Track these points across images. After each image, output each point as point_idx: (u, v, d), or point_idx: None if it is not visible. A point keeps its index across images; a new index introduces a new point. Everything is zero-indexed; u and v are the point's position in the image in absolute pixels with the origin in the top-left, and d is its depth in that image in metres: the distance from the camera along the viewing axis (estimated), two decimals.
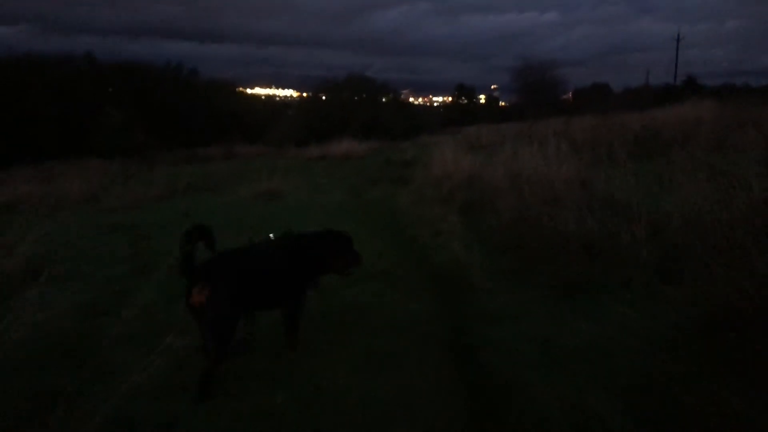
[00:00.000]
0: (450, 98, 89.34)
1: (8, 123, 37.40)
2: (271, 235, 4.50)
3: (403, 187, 14.26)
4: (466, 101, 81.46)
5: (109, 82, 42.69)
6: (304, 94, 53.36)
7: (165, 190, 17.52)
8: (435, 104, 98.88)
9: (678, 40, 48.73)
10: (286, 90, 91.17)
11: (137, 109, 41.56)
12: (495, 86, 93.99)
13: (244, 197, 13.44)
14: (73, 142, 38.51)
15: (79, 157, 35.15)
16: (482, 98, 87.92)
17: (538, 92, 32.99)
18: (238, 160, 30.31)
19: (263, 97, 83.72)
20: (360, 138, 32.82)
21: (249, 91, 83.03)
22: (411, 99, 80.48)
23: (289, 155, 30.86)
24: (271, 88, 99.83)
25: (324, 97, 45.80)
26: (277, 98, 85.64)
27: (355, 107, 42.69)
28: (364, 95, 44.99)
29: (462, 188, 9.30)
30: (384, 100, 46.60)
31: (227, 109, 48.63)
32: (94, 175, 23.63)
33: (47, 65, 41.87)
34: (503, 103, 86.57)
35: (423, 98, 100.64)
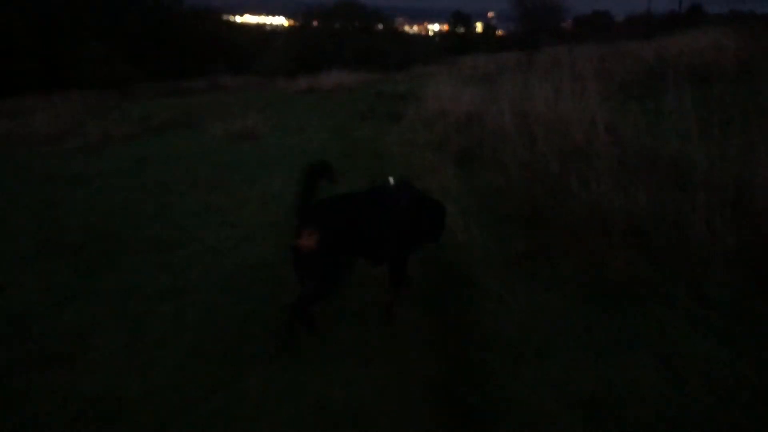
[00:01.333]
0: (446, 26, 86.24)
1: None
2: (390, 178, 3.78)
3: (395, 124, 12.82)
4: (462, 30, 78.43)
5: (88, 12, 40.12)
6: (294, 23, 50.72)
7: (138, 127, 16.09)
8: (430, 33, 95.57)
9: None
10: (276, 18, 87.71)
11: (118, 40, 39.34)
12: (492, 13, 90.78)
13: (217, 137, 11.96)
14: (53, 74, 36.47)
15: (60, 90, 33.66)
16: (479, 26, 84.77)
17: (538, 19, 30.96)
18: (222, 93, 28.54)
19: (253, 25, 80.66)
20: (351, 69, 31.03)
21: (238, 19, 79.95)
22: (405, 27, 77.60)
23: (277, 87, 29.12)
24: (261, 15, 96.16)
25: (315, 25, 43.47)
26: (267, 26, 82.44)
27: (347, 36, 40.50)
28: (356, 23, 42.65)
29: (459, 130, 7.87)
30: (377, 28, 44.26)
31: (213, 38, 46.19)
32: (69, 110, 22.16)
33: None
34: (500, 32, 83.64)
35: (418, 26, 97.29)
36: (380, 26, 45.47)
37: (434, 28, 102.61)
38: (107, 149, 11.20)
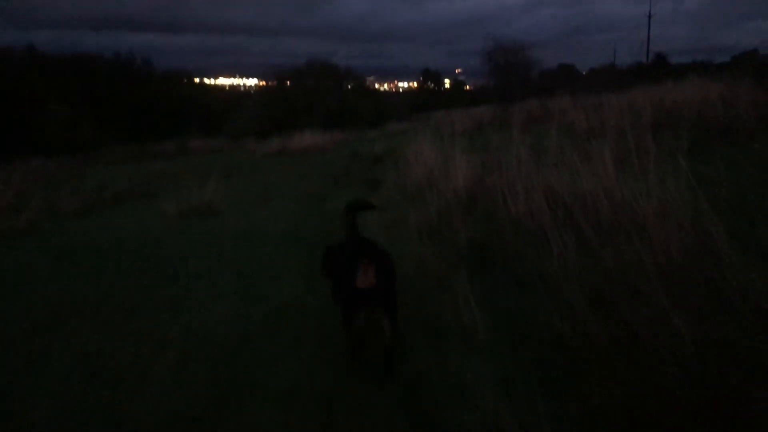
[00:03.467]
0: (415, 83, 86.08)
1: None
2: None
3: (373, 193, 11.09)
4: (432, 86, 78.14)
5: (54, 76, 38.34)
6: (266, 83, 49.48)
7: (89, 200, 14.12)
8: (401, 90, 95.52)
9: (650, 17, 45.99)
10: (249, 79, 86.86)
11: (85, 104, 37.55)
12: (459, 70, 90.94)
13: (168, 215, 10.07)
14: (15, 139, 34.43)
15: (23, 157, 31.81)
16: (447, 83, 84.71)
17: (511, 74, 29.96)
18: (190, 157, 26.74)
19: (226, 88, 79.59)
20: (324, 128, 29.54)
21: (212, 81, 78.89)
22: (376, 85, 77.13)
23: (246, 149, 27.43)
24: (234, 77, 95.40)
25: (287, 84, 42.12)
26: (241, 88, 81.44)
27: (319, 95, 39.18)
28: (329, 82, 41.42)
29: (462, 211, 6.07)
30: (349, 86, 43.07)
31: (184, 100, 44.60)
32: (22, 180, 20.22)
33: None
34: (468, 87, 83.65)
35: (388, 84, 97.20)
36: (351, 85, 44.34)
37: (404, 85, 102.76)
38: (35, 234, 9.24)
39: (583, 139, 11.04)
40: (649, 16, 45.63)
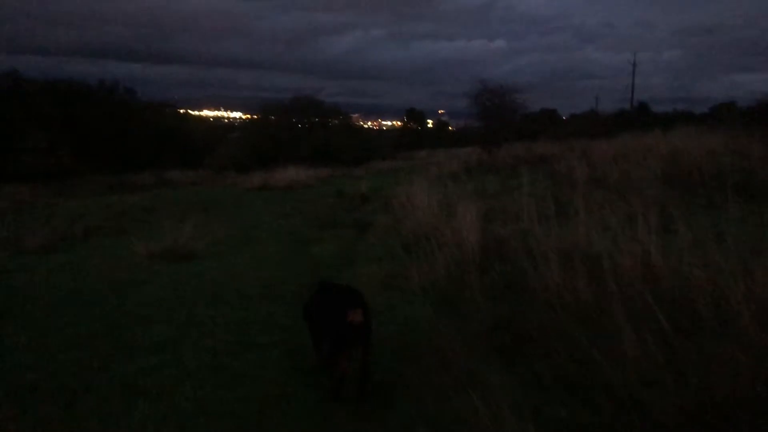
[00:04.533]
0: (399, 122, 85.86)
1: None
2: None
3: (362, 237, 10.21)
4: (416, 125, 77.88)
5: (34, 102, 37.11)
6: (251, 116, 48.65)
7: (57, 234, 13.03)
8: (384, 128, 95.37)
9: (634, 65, 46.15)
10: (234, 112, 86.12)
11: (65, 132, 36.32)
12: (442, 111, 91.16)
13: (138, 257, 9.06)
14: None
15: (1, 183, 30.68)
16: (430, 123, 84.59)
17: (496, 116, 29.55)
18: (169, 190, 25.64)
19: (210, 119, 78.69)
20: (308, 163, 28.68)
21: (196, 113, 77.96)
22: (361, 123, 76.82)
23: (228, 183, 26.44)
24: (219, 110, 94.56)
25: (272, 119, 41.29)
26: (225, 120, 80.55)
27: (304, 130, 38.43)
28: (313, 118, 40.72)
29: (473, 268, 5.15)
30: (334, 123, 42.39)
31: (166, 131, 43.41)
32: None
33: None
34: (451, 128, 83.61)
35: (372, 122, 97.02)
36: (336, 121, 43.69)
37: (387, 123, 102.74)
38: None
39: (589, 189, 10.34)
40: (634, 65, 45.76)
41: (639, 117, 40.48)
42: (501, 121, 29.85)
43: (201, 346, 4.57)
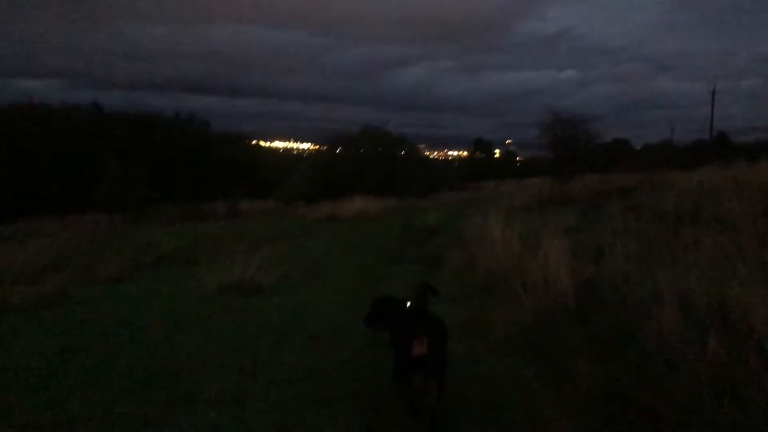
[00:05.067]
0: (465, 153, 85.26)
1: (7, 174, 33.69)
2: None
3: (433, 272, 9.67)
4: (483, 156, 77.08)
5: (114, 133, 38.59)
6: (320, 147, 49.15)
7: (129, 263, 13.09)
8: (450, 158, 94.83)
9: (713, 93, 44.09)
10: (304, 144, 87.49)
11: (142, 162, 37.47)
12: (510, 141, 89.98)
13: (206, 290, 8.83)
14: (76, 195, 34.48)
15: (82, 212, 31.93)
16: (497, 153, 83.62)
17: (568, 147, 28.59)
18: (240, 219, 25.87)
19: (281, 151, 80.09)
20: (375, 194, 28.45)
21: (267, 144, 79.59)
22: (427, 153, 76.63)
23: (297, 214, 26.45)
24: (289, 141, 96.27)
25: (338, 150, 41.49)
26: (294, 151, 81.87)
27: (371, 161, 38.34)
28: (380, 149, 40.64)
29: (567, 317, 4.55)
30: (401, 154, 42.19)
31: (238, 162, 44.33)
32: (68, 237, 19.60)
33: (52, 115, 38.04)
34: (519, 158, 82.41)
35: (438, 152, 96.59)
36: (403, 152, 43.46)
37: (453, 154, 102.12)
38: (58, 305, 8.07)
39: (681, 224, 9.51)
40: (713, 92, 43.68)
41: (718, 147, 38.53)
42: (573, 151, 28.88)
43: (265, 399, 4.13)
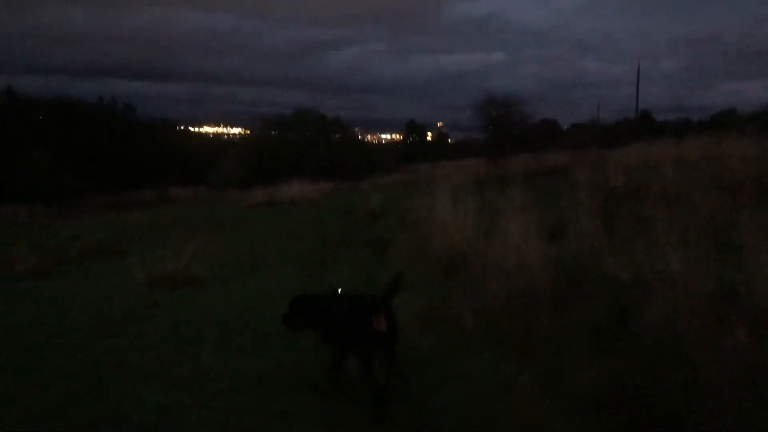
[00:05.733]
0: (399, 136, 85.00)
1: None
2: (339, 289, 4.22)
3: (382, 258, 9.13)
4: (416, 138, 76.93)
5: (33, 120, 36.12)
6: (252, 132, 47.65)
7: (52, 256, 12.04)
8: (384, 141, 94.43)
9: (638, 73, 44.90)
10: (234, 128, 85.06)
11: (65, 150, 35.28)
12: (441, 123, 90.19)
13: (139, 282, 7.99)
14: None
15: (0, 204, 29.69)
16: (430, 135, 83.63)
17: (502, 127, 28.57)
18: (170, 207, 24.63)
19: (210, 136, 77.63)
20: (311, 178, 27.66)
21: (196, 129, 77.02)
22: (360, 136, 75.95)
23: (231, 199, 25.36)
24: (219, 126, 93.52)
25: (274, 134, 40.25)
26: (225, 136, 79.49)
27: (306, 145, 37.39)
28: (316, 133, 39.71)
29: (543, 301, 4.05)
30: (336, 137, 41.38)
31: (167, 148, 42.39)
32: None
33: None
34: (451, 140, 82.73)
35: (372, 136, 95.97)
36: (338, 135, 42.66)
37: (386, 137, 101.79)
38: None
39: (632, 200, 9.28)
40: (638, 73, 44.49)
41: (643, 126, 39.48)
42: (507, 132, 28.89)
43: (208, 417, 3.45)
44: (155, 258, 8.70)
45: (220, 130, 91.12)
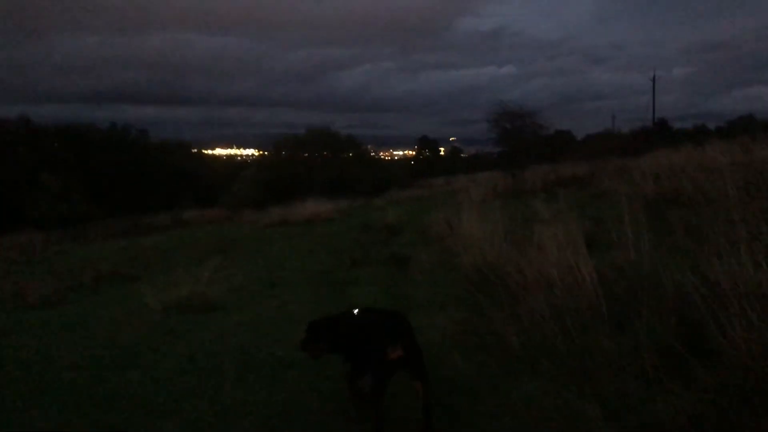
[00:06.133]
0: (411, 152, 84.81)
1: None
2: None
3: (404, 275, 8.70)
4: (429, 154, 76.71)
5: (47, 147, 36.21)
6: (265, 153, 47.59)
7: (63, 283, 11.79)
8: (396, 158, 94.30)
9: (654, 81, 44.32)
10: (247, 150, 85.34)
11: (78, 176, 35.28)
12: (453, 138, 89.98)
13: (153, 309, 7.62)
14: (8, 213, 32.04)
15: (13, 230, 29.57)
16: (442, 150, 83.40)
17: (518, 139, 28.15)
18: (186, 230, 24.37)
19: (224, 158, 77.80)
20: (326, 196, 27.37)
21: (209, 152, 77.30)
22: (372, 153, 75.87)
23: (245, 220, 25.09)
24: (232, 148, 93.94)
25: (286, 154, 40.16)
26: (239, 158, 79.70)
27: (319, 163, 37.24)
28: (329, 151, 39.58)
29: (598, 322, 3.65)
30: (349, 155, 41.22)
31: (181, 171, 42.36)
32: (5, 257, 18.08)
33: None
34: (464, 154, 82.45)
35: (384, 152, 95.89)
36: (350, 153, 42.50)
37: (399, 153, 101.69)
38: None
39: (665, 208, 8.83)
40: (654, 80, 43.89)
41: (660, 134, 38.92)
42: (523, 144, 28.46)
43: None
44: (170, 282, 8.37)
45: (234, 151, 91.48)
